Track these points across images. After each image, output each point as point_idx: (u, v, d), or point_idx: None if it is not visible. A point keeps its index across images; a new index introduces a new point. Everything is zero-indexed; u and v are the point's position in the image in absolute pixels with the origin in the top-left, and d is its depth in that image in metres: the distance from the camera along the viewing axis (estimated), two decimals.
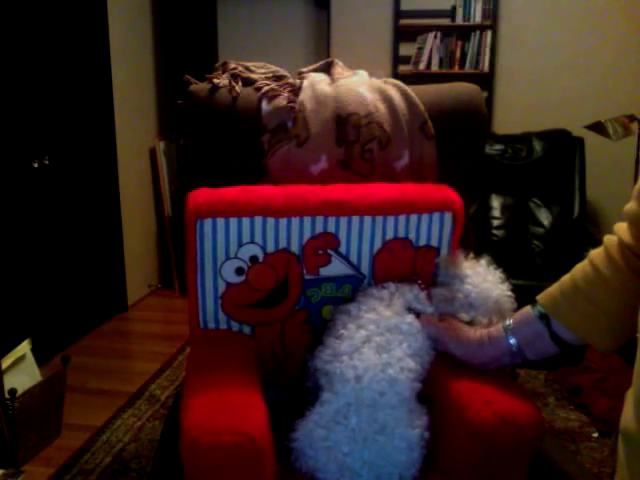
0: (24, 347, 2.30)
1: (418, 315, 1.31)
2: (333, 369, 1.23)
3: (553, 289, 1.10)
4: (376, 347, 1.24)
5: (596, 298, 1.02)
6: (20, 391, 2.15)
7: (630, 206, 0.96)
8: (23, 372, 2.26)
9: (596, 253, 1.04)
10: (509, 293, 1.33)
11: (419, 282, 1.39)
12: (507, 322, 1.17)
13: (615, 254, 1.00)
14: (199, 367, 1.27)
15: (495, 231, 3.49)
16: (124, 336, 3.46)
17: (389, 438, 1.17)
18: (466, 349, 1.22)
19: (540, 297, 1.12)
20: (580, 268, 1.06)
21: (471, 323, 1.28)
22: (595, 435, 2.38)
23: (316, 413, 1.22)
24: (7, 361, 2.20)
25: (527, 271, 3.06)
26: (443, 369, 1.26)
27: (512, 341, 1.15)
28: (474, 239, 1.73)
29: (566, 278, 1.09)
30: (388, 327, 1.27)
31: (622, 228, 1.00)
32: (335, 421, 1.19)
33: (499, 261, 1.39)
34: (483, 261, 1.38)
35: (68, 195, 3.19)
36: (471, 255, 1.41)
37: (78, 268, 3.31)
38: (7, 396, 2.09)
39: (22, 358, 2.28)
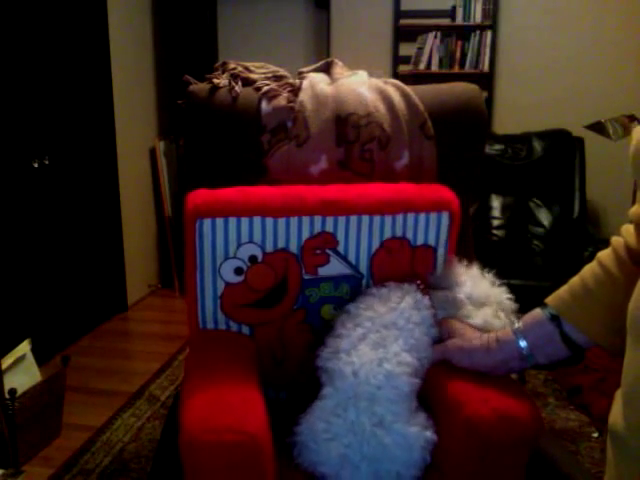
0: (24, 347, 2.29)
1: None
2: (332, 366, 1.26)
3: (562, 291, 1.08)
4: (372, 343, 1.25)
5: (606, 298, 1.00)
6: (20, 391, 2.14)
7: (635, 209, 0.96)
8: (23, 372, 2.26)
9: (604, 254, 1.03)
10: (507, 295, 1.34)
11: (418, 282, 1.40)
12: (516, 325, 1.15)
13: (623, 255, 0.99)
14: (198, 367, 1.27)
15: (495, 231, 3.49)
16: (124, 336, 3.46)
17: (387, 432, 1.18)
18: (471, 357, 1.19)
19: (549, 299, 1.10)
20: (589, 269, 1.05)
21: (482, 324, 1.27)
22: (595, 435, 2.38)
23: (317, 407, 1.24)
24: (7, 361, 2.20)
25: (527, 271, 3.06)
26: (441, 368, 1.26)
27: (523, 344, 1.12)
28: (474, 239, 1.73)
29: (575, 280, 1.07)
30: (384, 324, 1.28)
31: (628, 231, 0.99)
32: (335, 414, 1.21)
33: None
34: (475, 267, 1.40)
35: (68, 195, 3.19)
36: (464, 262, 1.42)
37: (78, 268, 3.31)
38: (7, 396, 2.09)
39: (22, 358, 2.27)
